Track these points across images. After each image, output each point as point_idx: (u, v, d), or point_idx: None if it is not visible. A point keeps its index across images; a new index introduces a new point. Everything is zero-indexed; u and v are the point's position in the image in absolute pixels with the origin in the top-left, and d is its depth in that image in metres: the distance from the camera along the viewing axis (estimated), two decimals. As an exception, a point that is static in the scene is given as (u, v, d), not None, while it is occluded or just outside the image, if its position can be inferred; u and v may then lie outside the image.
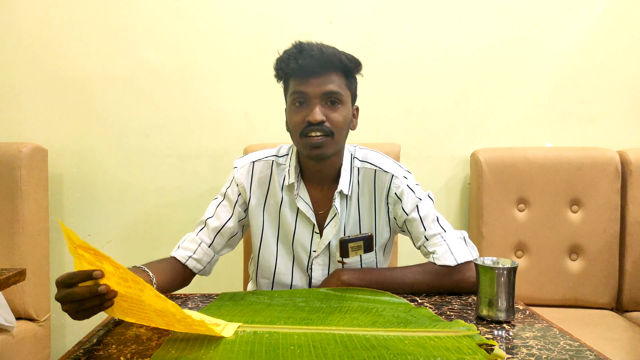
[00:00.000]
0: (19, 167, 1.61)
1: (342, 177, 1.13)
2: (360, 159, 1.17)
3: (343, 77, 1.07)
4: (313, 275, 1.15)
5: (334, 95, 1.05)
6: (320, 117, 1.02)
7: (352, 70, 1.08)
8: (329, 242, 1.13)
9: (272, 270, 1.16)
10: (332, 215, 1.12)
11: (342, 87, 1.06)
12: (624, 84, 1.83)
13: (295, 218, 1.14)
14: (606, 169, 1.67)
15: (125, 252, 1.84)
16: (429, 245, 1.11)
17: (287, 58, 1.05)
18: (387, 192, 1.14)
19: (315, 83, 1.03)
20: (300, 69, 1.03)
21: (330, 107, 1.05)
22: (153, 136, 1.84)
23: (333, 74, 1.05)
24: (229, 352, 0.71)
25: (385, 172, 1.14)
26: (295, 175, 1.13)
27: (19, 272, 1.21)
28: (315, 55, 1.02)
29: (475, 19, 1.81)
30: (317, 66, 1.03)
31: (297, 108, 1.06)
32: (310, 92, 1.04)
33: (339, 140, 1.08)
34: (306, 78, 1.03)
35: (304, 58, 1.02)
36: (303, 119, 1.04)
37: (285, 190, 1.15)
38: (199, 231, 1.15)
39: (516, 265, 0.88)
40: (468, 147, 1.83)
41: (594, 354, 0.73)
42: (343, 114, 1.06)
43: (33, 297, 1.65)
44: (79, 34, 1.80)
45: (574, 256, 1.71)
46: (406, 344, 0.73)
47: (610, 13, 1.80)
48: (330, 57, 1.04)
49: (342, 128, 1.07)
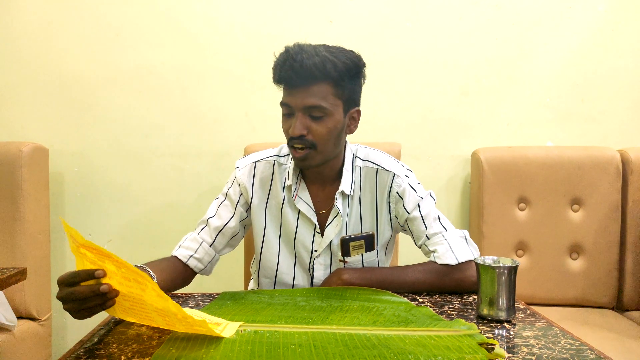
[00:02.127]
0: (20, 167, 1.61)
1: (344, 177, 1.12)
2: (362, 158, 1.16)
3: (332, 87, 1.02)
4: (315, 275, 1.15)
5: (315, 110, 1.01)
6: (298, 131, 1.01)
7: (344, 78, 1.02)
8: (330, 241, 1.13)
9: (274, 270, 1.16)
10: (333, 214, 1.12)
11: (327, 98, 1.01)
12: (624, 83, 1.82)
13: (296, 218, 1.14)
14: (607, 168, 1.67)
15: (125, 251, 1.84)
16: (430, 244, 1.11)
17: (276, 65, 1.03)
18: (389, 191, 1.13)
19: (298, 95, 1.01)
20: (284, 79, 1.02)
21: (313, 120, 1.02)
22: (153, 135, 1.84)
23: (318, 85, 1.00)
24: (230, 351, 0.71)
25: (387, 170, 1.14)
26: (294, 177, 1.13)
27: (20, 272, 1.21)
28: (298, 66, 0.98)
29: (476, 18, 1.81)
30: (300, 78, 0.99)
31: (285, 117, 1.06)
32: (292, 104, 1.02)
33: (325, 150, 1.05)
34: (290, 89, 1.03)
35: (286, 70, 1.00)
36: (287, 129, 1.05)
37: (286, 190, 1.15)
38: (200, 230, 1.15)
39: (517, 264, 0.88)
40: (469, 146, 1.83)
41: (594, 353, 0.73)
42: (328, 126, 1.03)
43: (34, 297, 1.65)
44: (79, 33, 1.80)
45: (575, 255, 1.71)
46: (407, 343, 0.73)
47: (611, 12, 1.80)
48: (312, 69, 0.98)
49: (326, 140, 1.04)
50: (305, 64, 0.98)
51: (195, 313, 0.83)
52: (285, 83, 1.03)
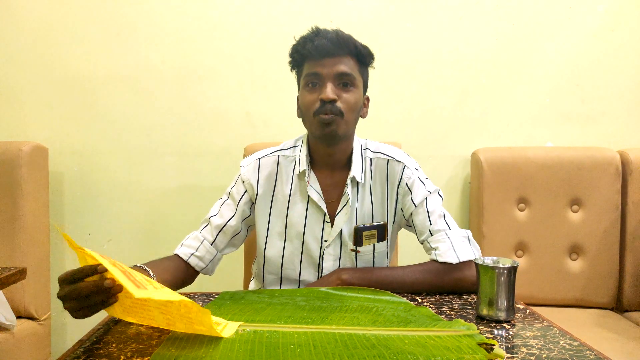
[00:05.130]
0: (20, 166, 1.61)
1: (354, 163, 1.13)
2: (372, 150, 1.18)
3: (356, 63, 1.09)
4: (324, 266, 1.14)
5: (346, 77, 1.07)
6: (332, 95, 1.04)
7: (366, 58, 1.11)
8: (340, 230, 1.13)
9: (279, 265, 1.16)
10: (343, 202, 1.13)
11: (354, 70, 1.08)
12: (624, 84, 1.82)
13: (305, 209, 1.14)
14: (607, 169, 1.67)
15: (126, 251, 1.85)
16: (432, 240, 1.11)
17: (304, 41, 1.08)
18: (399, 182, 1.14)
19: (329, 64, 1.06)
20: (315, 49, 1.05)
21: (342, 89, 1.07)
22: (154, 135, 1.84)
23: (347, 57, 1.07)
24: (229, 350, 0.71)
25: (398, 161, 1.15)
26: (306, 163, 1.14)
27: (20, 271, 1.21)
28: (331, 37, 1.06)
29: (476, 18, 1.81)
30: (332, 47, 1.05)
31: (311, 89, 1.08)
32: (324, 73, 1.06)
33: (349, 121, 1.08)
34: (320, 59, 1.06)
35: (319, 39, 1.05)
36: (316, 98, 1.06)
37: (295, 180, 1.16)
38: (202, 229, 1.16)
39: (516, 264, 0.88)
40: (469, 147, 1.83)
41: (593, 354, 0.73)
42: (355, 96, 1.08)
43: (33, 296, 1.65)
44: (80, 32, 1.80)
45: (574, 256, 1.71)
46: (406, 343, 0.73)
47: (611, 12, 1.80)
48: (345, 40, 1.07)
49: (353, 110, 1.08)
50: (340, 35, 1.07)
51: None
52: (316, 54, 1.06)
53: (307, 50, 1.07)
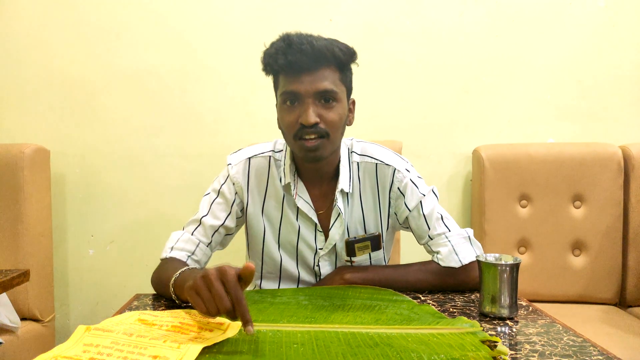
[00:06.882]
0: (22, 168, 1.61)
1: (342, 174, 1.07)
2: (358, 152, 1.11)
3: (337, 72, 0.99)
4: (321, 272, 1.12)
5: (328, 94, 0.97)
6: (313, 119, 0.95)
7: (347, 63, 1.00)
8: (335, 243, 1.10)
9: (278, 267, 1.14)
10: (335, 215, 1.08)
11: (336, 83, 0.98)
12: (625, 79, 1.82)
13: (296, 217, 1.11)
14: (609, 165, 1.67)
15: (128, 253, 1.84)
16: (432, 244, 1.09)
17: (275, 53, 0.97)
18: (390, 187, 1.09)
19: (307, 81, 0.95)
20: (289, 65, 0.95)
21: (324, 106, 0.98)
22: (155, 136, 1.84)
23: (326, 69, 0.97)
24: (233, 350, 0.71)
25: (387, 165, 1.09)
26: (291, 175, 1.08)
27: (23, 273, 1.21)
28: (306, 50, 0.94)
29: (477, 14, 1.80)
30: (309, 62, 0.94)
31: (289, 107, 0.99)
32: (302, 91, 0.96)
33: (335, 140, 1.01)
34: (297, 75, 0.96)
35: (293, 53, 0.94)
36: (296, 120, 0.97)
37: (285, 188, 1.11)
38: (194, 230, 1.10)
39: (519, 261, 0.88)
40: (470, 144, 1.82)
41: (597, 350, 0.73)
42: (339, 113, 0.99)
43: (37, 298, 1.65)
44: (80, 35, 1.80)
45: (577, 252, 1.70)
46: (409, 341, 0.73)
47: (612, 8, 1.79)
48: (322, 51, 0.95)
49: (337, 128, 1.00)
50: (316, 46, 0.94)
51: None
52: (290, 69, 0.96)
53: (280, 66, 0.96)
